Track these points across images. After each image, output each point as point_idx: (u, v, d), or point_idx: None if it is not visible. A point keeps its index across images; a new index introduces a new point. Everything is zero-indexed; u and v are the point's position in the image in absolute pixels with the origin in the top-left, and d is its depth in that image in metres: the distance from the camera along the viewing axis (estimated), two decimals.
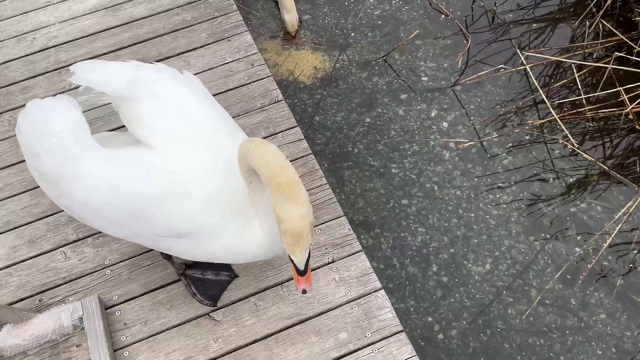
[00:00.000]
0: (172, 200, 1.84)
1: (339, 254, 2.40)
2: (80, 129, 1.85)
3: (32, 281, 2.40)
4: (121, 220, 1.89)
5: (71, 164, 1.82)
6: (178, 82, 2.01)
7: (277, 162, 1.65)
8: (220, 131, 1.97)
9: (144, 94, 1.95)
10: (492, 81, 3.78)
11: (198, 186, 1.85)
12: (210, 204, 1.86)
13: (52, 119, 1.85)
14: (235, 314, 2.29)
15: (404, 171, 3.50)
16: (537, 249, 3.17)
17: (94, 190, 1.82)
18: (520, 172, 3.43)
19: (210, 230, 1.90)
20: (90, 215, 1.92)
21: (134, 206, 1.84)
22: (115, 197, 1.83)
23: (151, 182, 1.83)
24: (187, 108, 1.95)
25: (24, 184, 2.67)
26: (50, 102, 1.90)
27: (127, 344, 2.24)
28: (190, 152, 1.88)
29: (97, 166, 1.82)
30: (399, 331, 2.20)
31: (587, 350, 2.87)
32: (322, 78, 3.93)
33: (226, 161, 1.91)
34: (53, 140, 1.83)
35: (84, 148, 1.83)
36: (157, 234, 1.92)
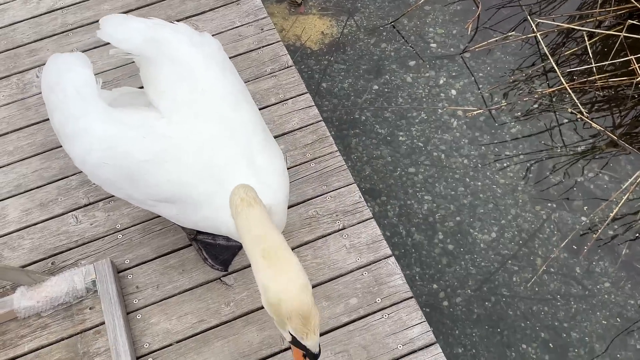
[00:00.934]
0: (164, 166, 1.82)
1: (350, 221, 2.41)
2: (86, 87, 1.86)
3: (44, 244, 2.41)
4: (115, 181, 1.89)
5: (72, 121, 1.84)
6: (193, 45, 1.97)
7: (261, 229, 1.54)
8: (226, 101, 1.93)
9: (159, 56, 1.94)
10: (501, 48, 3.75)
11: (191, 155, 1.82)
12: (201, 174, 1.84)
13: (62, 75, 1.88)
14: (246, 279, 2.31)
15: (411, 139, 3.49)
16: (543, 217, 3.19)
17: (90, 148, 1.83)
18: (528, 140, 3.42)
19: (197, 199, 1.87)
20: (88, 173, 1.94)
21: (127, 168, 1.84)
22: (109, 158, 1.83)
23: (146, 145, 1.82)
24: (196, 74, 1.93)
25: (34, 148, 2.66)
26: (64, 59, 1.94)
27: (139, 306, 2.27)
28: (191, 120, 1.86)
29: (96, 125, 1.83)
30: (408, 297, 2.23)
31: (590, 318, 2.91)
32: (330, 44, 3.89)
33: (225, 133, 1.88)
34: (59, 96, 1.87)
35: (87, 106, 1.84)
36: (149, 198, 1.92)
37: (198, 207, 1.88)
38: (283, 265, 1.46)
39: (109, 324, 2.15)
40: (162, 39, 1.96)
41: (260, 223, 1.59)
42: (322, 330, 2.20)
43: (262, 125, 2.00)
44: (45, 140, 2.67)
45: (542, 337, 2.88)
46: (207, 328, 2.22)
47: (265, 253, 1.49)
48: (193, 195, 1.86)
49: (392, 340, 2.15)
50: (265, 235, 1.54)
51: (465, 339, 2.91)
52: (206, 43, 2.03)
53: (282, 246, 1.51)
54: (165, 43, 1.95)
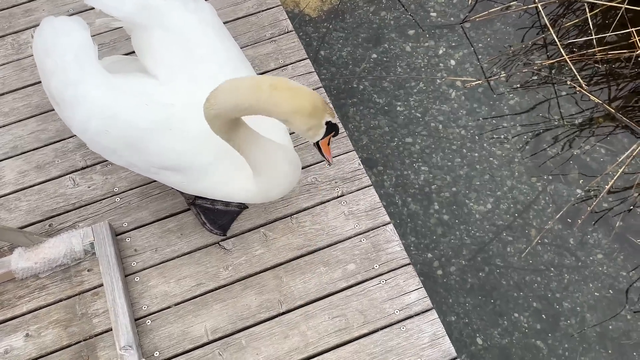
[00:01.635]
0: (167, 134, 1.82)
1: (349, 188, 2.41)
2: (84, 52, 1.83)
3: (42, 206, 2.40)
4: (116, 149, 1.88)
5: (71, 88, 1.81)
6: (188, 11, 1.95)
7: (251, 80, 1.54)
8: (224, 66, 1.92)
9: (153, 22, 1.91)
10: (502, 19, 3.72)
11: (194, 122, 1.81)
12: (204, 141, 1.84)
13: (59, 39, 1.84)
14: (245, 244, 2.32)
15: (409, 109, 3.48)
16: (538, 189, 3.21)
17: (90, 116, 1.81)
18: (526, 112, 3.42)
19: (202, 167, 1.88)
20: (88, 141, 1.92)
21: (129, 136, 1.83)
22: (110, 126, 1.81)
23: (148, 113, 1.80)
24: (193, 41, 1.91)
25: (30, 109, 2.63)
26: (61, 22, 1.88)
27: (138, 269, 2.27)
28: (190, 87, 1.85)
29: (96, 92, 1.80)
30: (406, 264, 2.25)
31: (582, 289, 2.95)
32: (329, 11, 3.84)
33: None
34: (57, 61, 1.83)
35: (85, 72, 1.81)
36: (152, 166, 1.92)
37: (204, 174, 1.89)
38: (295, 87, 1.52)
39: (107, 286, 2.16)
40: (154, 5, 1.92)
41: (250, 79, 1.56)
42: (319, 295, 2.22)
43: None
44: (42, 102, 2.64)
45: (535, 306, 2.93)
46: (206, 291, 2.23)
47: (274, 85, 1.51)
48: (199, 162, 1.87)
49: (389, 306, 2.18)
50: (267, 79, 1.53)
51: (458, 307, 2.95)
52: (200, 9, 2.00)
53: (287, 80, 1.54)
54: (158, 10, 1.92)
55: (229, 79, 1.58)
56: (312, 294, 2.21)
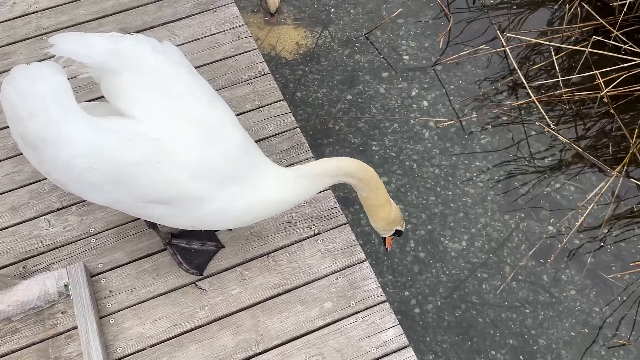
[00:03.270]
0: (156, 167, 1.84)
1: (325, 226, 2.44)
2: (64, 93, 1.83)
3: (16, 248, 2.38)
4: (103, 186, 1.88)
5: (54, 128, 1.81)
6: (157, 52, 1.99)
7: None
8: (201, 101, 1.97)
9: (124, 66, 1.93)
10: (472, 62, 3.85)
11: (183, 154, 1.86)
12: (198, 171, 1.88)
13: (36, 83, 1.83)
14: (221, 283, 2.31)
15: (384, 149, 3.55)
16: (511, 227, 3.27)
17: (76, 154, 1.82)
18: (498, 152, 3.51)
19: (198, 196, 1.91)
20: (72, 180, 1.91)
21: (116, 171, 1.84)
22: (96, 162, 1.82)
23: (134, 148, 1.82)
24: (166, 79, 1.95)
25: (5, 151, 2.62)
26: (35, 67, 1.88)
27: (113, 311, 2.25)
28: (172, 122, 1.88)
29: (80, 130, 1.81)
30: (382, 301, 2.26)
31: (557, 325, 2.99)
32: (304, 54, 3.94)
33: (208, 130, 1.93)
34: (37, 104, 1.81)
35: (67, 112, 1.82)
36: (139, 200, 1.92)
37: (201, 203, 1.92)
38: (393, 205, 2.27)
39: (82, 328, 2.13)
40: (124, 49, 1.95)
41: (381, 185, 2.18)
42: (296, 334, 2.22)
43: (238, 123, 2.07)
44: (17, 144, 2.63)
45: (511, 343, 2.95)
46: (182, 332, 2.21)
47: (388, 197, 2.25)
48: (191, 193, 1.89)
49: (366, 344, 2.18)
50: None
51: (436, 345, 2.96)
52: (169, 50, 2.06)
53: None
54: (128, 53, 1.94)
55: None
56: (289, 333, 2.21)
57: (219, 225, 2.09)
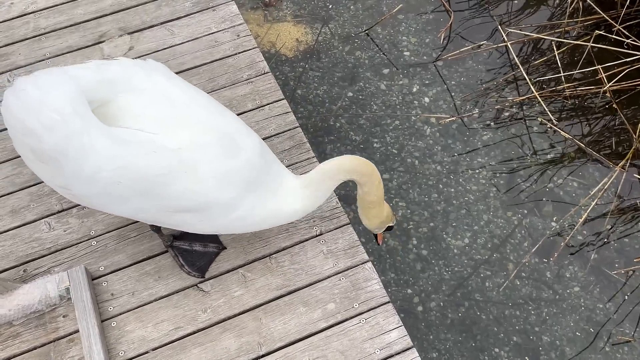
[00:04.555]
0: (182, 177, 1.83)
1: (327, 226, 2.42)
2: (80, 104, 1.75)
3: (16, 251, 2.36)
4: (129, 197, 1.85)
5: (76, 141, 1.73)
6: (147, 71, 1.94)
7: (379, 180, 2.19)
8: (210, 110, 1.96)
9: (118, 90, 1.86)
10: (473, 57, 3.82)
11: (206, 163, 1.86)
12: (222, 179, 1.89)
13: (49, 94, 1.73)
14: (223, 285, 2.30)
15: (386, 146, 3.53)
16: (514, 223, 3.25)
17: (100, 168, 1.76)
18: (500, 148, 3.49)
19: (224, 204, 1.93)
20: (96, 194, 1.85)
21: (142, 183, 1.81)
22: (122, 176, 1.78)
23: (159, 159, 1.79)
24: (169, 94, 1.91)
25: (5, 154, 2.61)
26: (44, 77, 1.78)
27: (114, 314, 2.23)
28: (189, 133, 1.86)
29: (103, 143, 1.75)
30: (385, 302, 2.25)
31: (560, 322, 2.97)
32: (304, 51, 3.91)
33: (226, 138, 1.92)
34: (53, 117, 1.72)
35: (87, 124, 1.74)
36: (166, 210, 1.92)
37: (228, 209, 1.94)
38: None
39: (83, 332, 2.12)
40: (114, 77, 1.88)
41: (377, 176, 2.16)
42: (300, 336, 2.20)
43: (249, 128, 2.08)
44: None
45: (515, 341, 2.94)
46: (184, 335, 2.20)
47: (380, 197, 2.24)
48: (219, 201, 1.90)
49: (369, 345, 2.17)
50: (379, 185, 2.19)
51: (439, 343, 2.94)
52: (156, 67, 2.00)
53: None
54: (118, 79, 1.88)
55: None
56: (292, 335, 2.20)
57: (240, 231, 2.14)
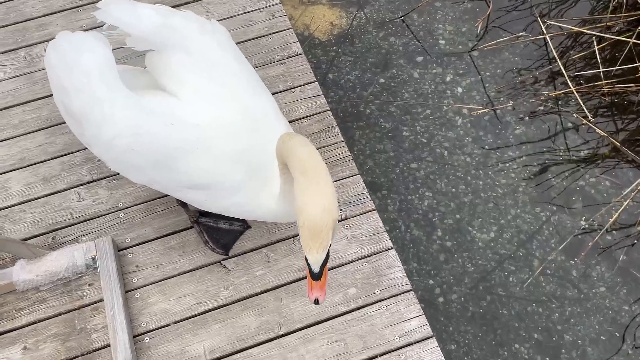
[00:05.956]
0: (194, 153, 1.84)
1: (352, 211, 2.42)
2: (109, 70, 1.81)
3: (46, 219, 2.41)
4: (142, 167, 1.89)
5: (98, 106, 1.80)
6: (206, 33, 1.97)
7: (306, 150, 1.60)
8: (245, 89, 1.96)
9: (172, 44, 1.92)
10: (510, 49, 3.75)
11: (222, 142, 1.85)
12: (233, 161, 1.88)
13: (82, 56, 1.81)
14: (246, 264, 2.31)
15: (415, 134, 3.49)
16: (542, 219, 3.20)
17: (118, 134, 1.81)
18: (532, 142, 3.43)
19: (229, 186, 1.91)
20: (112, 159, 1.92)
21: (156, 154, 1.84)
22: (137, 144, 1.82)
23: (175, 132, 1.82)
24: (213, 63, 1.93)
25: (39, 122, 2.65)
26: (81, 37, 1.86)
27: (138, 285, 2.27)
28: (215, 108, 1.87)
29: (123, 111, 1.80)
30: (407, 290, 2.24)
31: (584, 322, 2.93)
32: (338, 35, 3.88)
33: (251, 120, 1.91)
34: (81, 79, 1.80)
35: (112, 91, 1.80)
36: (176, 184, 1.93)
37: (230, 193, 1.92)
38: (318, 185, 1.53)
39: (108, 301, 2.16)
40: (173, 26, 1.93)
41: (305, 145, 1.62)
42: (319, 319, 2.21)
43: (281, 114, 2.05)
44: (51, 115, 2.66)
45: (536, 338, 2.90)
46: (205, 310, 2.22)
47: (307, 173, 1.55)
48: (225, 182, 1.89)
49: (389, 332, 2.16)
50: (309, 156, 1.58)
51: (458, 336, 2.93)
52: (216, 30, 2.03)
53: (323, 167, 1.56)
54: (176, 30, 1.93)
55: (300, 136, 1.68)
56: (312, 317, 2.20)
57: (244, 216, 2.09)
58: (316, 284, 1.59)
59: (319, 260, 1.53)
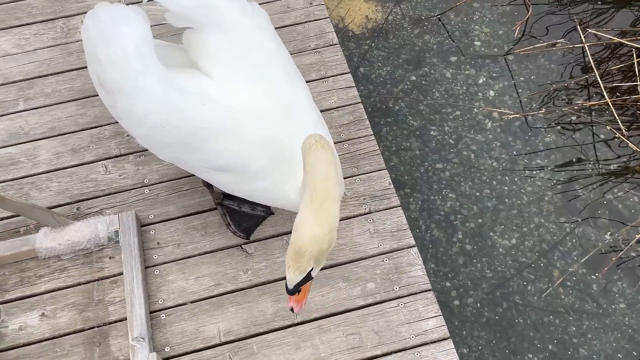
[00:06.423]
0: (224, 135, 1.83)
1: (377, 206, 2.40)
2: (145, 45, 1.82)
3: (72, 189, 2.43)
4: (170, 145, 1.89)
5: (132, 80, 1.80)
6: (246, 15, 1.96)
7: (324, 171, 1.60)
8: (280, 75, 1.95)
9: (211, 22, 1.91)
10: (546, 55, 3.69)
11: (252, 127, 1.84)
12: (261, 146, 1.86)
13: (120, 29, 1.81)
14: (266, 250, 2.31)
15: (443, 135, 3.46)
16: (566, 230, 3.15)
17: (150, 111, 1.81)
18: (562, 152, 3.38)
19: (254, 171, 1.90)
20: (142, 135, 1.93)
21: (185, 134, 1.84)
22: (168, 122, 1.82)
23: (206, 113, 1.81)
24: (251, 45, 1.92)
25: (72, 93, 2.66)
26: (121, 10, 1.86)
27: (158, 262, 2.27)
28: (248, 91, 1.86)
29: (156, 88, 1.80)
30: (427, 289, 2.22)
31: (601, 337, 2.88)
32: (372, 29, 3.85)
33: (283, 107, 1.90)
34: (117, 52, 1.80)
35: (147, 66, 1.80)
36: (202, 164, 1.93)
37: (255, 178, 1.91)
38: (320, 213, 1.57)
39: (127, 275, 2.16)
40: (214, 5, 1.93)
41: (326, 166, 1.62)
42: (336, 310, 2.20)
43: (313, 103, 2.03)
44: (84, 87, 2.67)
45: (550, 349, 2.86)
46: (223, 292, 2.22)
47: (314, 196, 1.58)
48: (252, 167, 1.88)
49: (405, 330, 2.14)
50: (324, 180, 1.60)
51: (471, 340, 2.90)
52: (257, 12, 2.02)
53: (331, 197, 1.59)
54: (217, 10, 1.93)
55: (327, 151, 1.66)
56: (328, 308, 2.19)
57: (267, 202, 2.08)
58: (293, 297, 1.66)
59: (293, 280, 1.60)
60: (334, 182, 1.61)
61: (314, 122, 1.96)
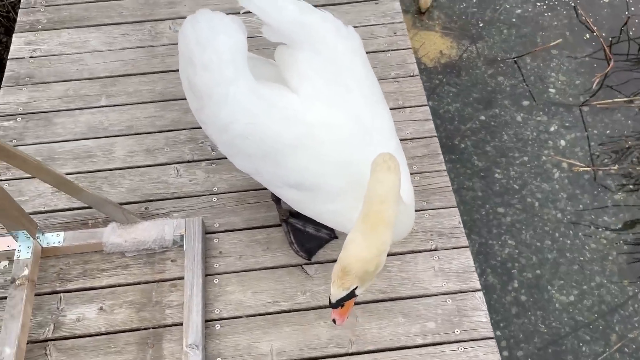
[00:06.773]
0: (305, 153, 1.83)
1: (444, 244, 2.34)
2: (239, 54, 1.85)
3: (142, 188, 2.45)
4: (251, 155, 1.89)
5: (223, 87, 1.83)
6: (340, 37, 1.97)
7: (383, 194, 1.59)
8: (366, 100, 1.93)
9: (304, 40, 1.92)
10: (624, 110, 3.59)
11: (332, 147, 1.83)
12: (338, 168, 1.85)
13: (218, 36, 1.85)
14: (327, 273, 2.28)
15: (507, 179, 3.39)
16: (629, 294, 3.03)
17: (236, 119, 1.83)
18: (631, 212, 3.26)
19: (328, 192, 1.88)
20: (224, 142, 1.94)
21: (267, 146, 1.84)
22: (252, 133, 1.83)
23: (289, 128, 1.81)
24: (340, 67, 1.92)
25: (152, 95, 2.71)
26: (220, 18, 1.91)
27: (219, 271, 2.27)
28: (333, 112, 1.86)
29: (245, 97, 1.82)
30: (489, 337, 2.14)
31: None
32: (445, 64, 3.83)
33: (365, 132, 1.88)
34: (212, 58, 1.84)
35: (238, 75, 1.83)
36: (279, 179, 1.92)
37: (327, 199, 1.89)
38: (370, 236, 1.56)
39: (188, 281, 2.16)
40: (310, 24, 1.94)
41: (387, 190, 1.59)
42: (392, 345, 2.14)
43: (395, 132, 2.01)
44: (164, 90, 2.72)
45: None
46: (280, 311, 2.19)
47: (368, 218, 1.57)
48: (326, 187, 1.87)
49: None
50: (381, 203, 1.58)
51: None
52: (351, 36, 2.02)
53: (385, 221, 1.56)
54: (313, 29, 1.94)
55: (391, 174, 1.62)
56: (385, 342, 2.14)
57: (335, 226, 2.04)
58: (336, 310, 1.68)
59: (336, 295, 1.61)
60: (391, 206, 1.59)
61: (394, 151, 1.93)
